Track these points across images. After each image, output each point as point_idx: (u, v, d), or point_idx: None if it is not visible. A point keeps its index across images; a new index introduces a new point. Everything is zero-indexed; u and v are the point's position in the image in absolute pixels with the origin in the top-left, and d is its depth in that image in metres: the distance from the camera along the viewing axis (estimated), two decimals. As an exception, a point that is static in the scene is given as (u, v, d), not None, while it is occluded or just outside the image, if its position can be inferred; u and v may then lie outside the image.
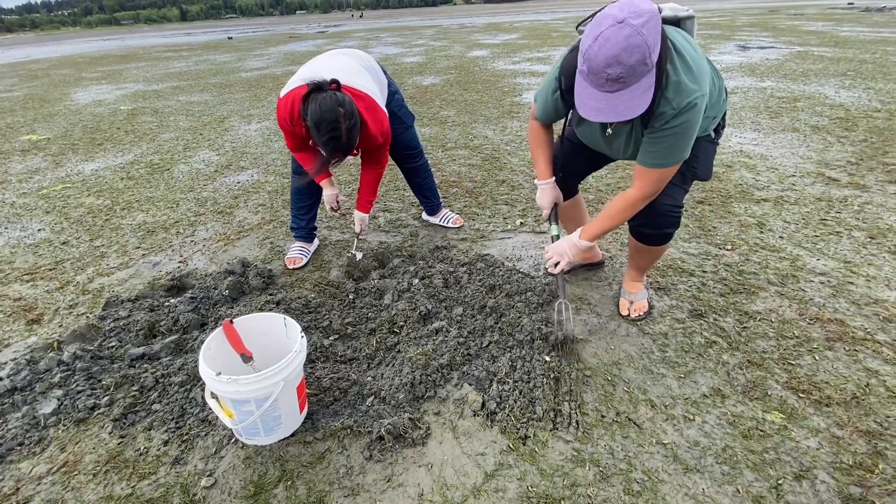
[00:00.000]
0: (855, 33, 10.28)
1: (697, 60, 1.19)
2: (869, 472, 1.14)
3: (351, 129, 1.63)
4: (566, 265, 1.54)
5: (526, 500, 1.12)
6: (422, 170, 2.37)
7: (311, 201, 2.22)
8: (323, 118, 1.57)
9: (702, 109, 1.19)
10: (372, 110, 1.81)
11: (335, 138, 1.61)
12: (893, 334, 1.58)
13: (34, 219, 2.92)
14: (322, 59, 1.95)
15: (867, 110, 4.27)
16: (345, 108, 1.60)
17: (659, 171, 1.30)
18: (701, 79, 1.17)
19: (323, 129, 1.59)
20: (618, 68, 1.02)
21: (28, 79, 10.53)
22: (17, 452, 1.32)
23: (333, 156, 1.71)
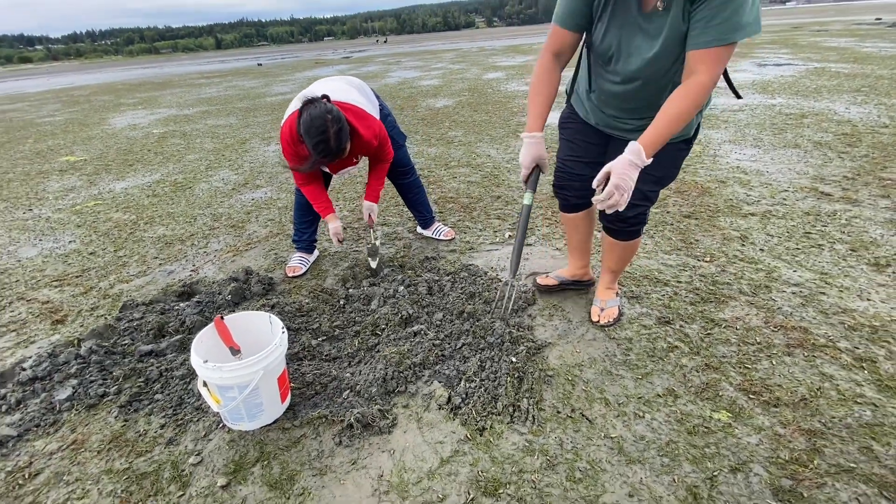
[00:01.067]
0: (877, 49, 10.12)
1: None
2: (803, 466, 1.19)
3: (338, 133, 1.78)
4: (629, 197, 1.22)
5: (475, 484, 1.21)
6: (414, 186, 2.53)
7: (312, 216, 2.40)
8: (312, 123, 1.76)
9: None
10: (361, 118, 1.99)
11: (324, 141, 1.77)
12: (856, 342, 1.62)
13: (66, 232, 3.20)
14: (314, 84, 2.15)
15: (874, 126, 4.24)
16: (332, 115, 1.78)
17: (724, 49, 1.10)
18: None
19: (312, 133, 1.76)
20: None
21: (70, 104, 11.36)
22: (34, 432, 1.49)
23: (324, 161, 1.86)
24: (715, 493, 1.15)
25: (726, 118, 4.97)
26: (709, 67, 1.13)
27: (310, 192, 2.13)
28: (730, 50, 1.11)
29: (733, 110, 5.28)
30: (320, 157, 1.82)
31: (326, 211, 2.15)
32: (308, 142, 1.79)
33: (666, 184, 1.51)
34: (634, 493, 1.16)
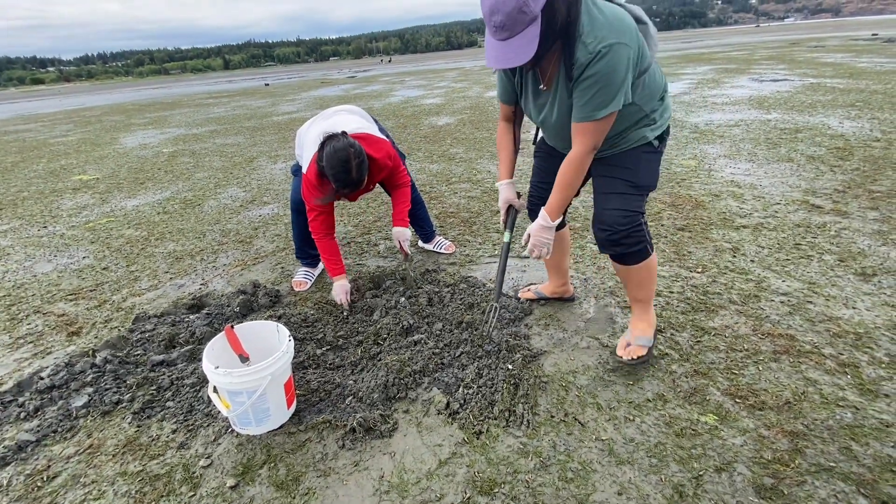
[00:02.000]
0: (873, 64, 10.28)
1: (619, 16, 1.23)
2: (785, 466, 1.24)
3: (360, 166, 1.89)
4: (549, 250, 1.55)
5: (471, 484, 1.27)
6: (415, 202, 2.62)
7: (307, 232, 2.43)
8: (336, 156, 1.85)
9: (624, 58, 1.21)
10: (372, 143, 2.10)
11: (346, 171, 1.86)
12: (840, 348, 1.67)
13: (80, 248, 3.31)
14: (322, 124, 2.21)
15: (867, 140, 4.33)
16: (354, 148, 1.88)
17: (592, 124, 1.30)
18: (621, 29, 1.21)
19: (336, 165, 1.86)
20: (499, 16, 1.14)
21: (82, 124, 11.67)
22: (51, 438, 1.57)
23: (345, 192, 1.95)
24: (700, 492, 1.20)
25: (722, 133, 5.08)
26: (582, 139, 1.35)
27: (324, 247, 2.16)
28: (599, 124, 1.31)
29: (729, 126, 5.39)
30: (343, 188, 1.90)
31: (337, 271, 2.17)
32: (331, 174, 1.86)
33: (644, 190, 1.49)
34: (623, 492, 1.22)
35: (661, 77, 1.44)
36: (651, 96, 1.41)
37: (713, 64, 13.09)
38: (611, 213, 1.47)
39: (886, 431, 1.32)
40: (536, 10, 1.14)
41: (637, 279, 1.59)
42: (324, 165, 1.88)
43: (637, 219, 1.48)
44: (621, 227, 1.46)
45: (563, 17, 1.19)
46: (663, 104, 1.45)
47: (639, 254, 1.52)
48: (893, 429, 1.33)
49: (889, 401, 1.43)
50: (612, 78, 1.22)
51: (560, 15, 1.18)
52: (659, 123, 1.45)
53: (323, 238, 2.15)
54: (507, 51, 1.19)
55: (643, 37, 1.33)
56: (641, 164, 1.46)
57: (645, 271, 1.56)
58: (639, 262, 1.54)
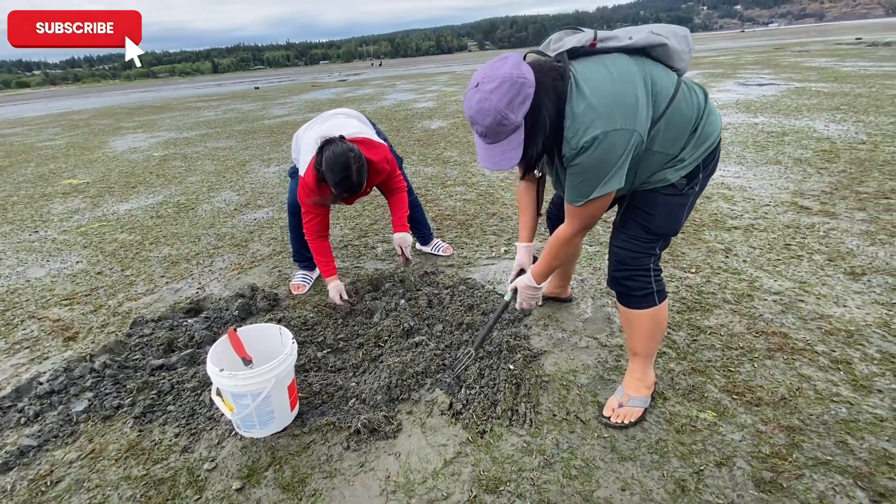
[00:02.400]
0: (857, 68, 10.52)
1: (611, 94, 1.11)
2: (783, 460, 1.28)
3: (360, 170, 1.89)
4: (538, 302, 1.63)
5: (477, 482, 1.29)
6: (412, 205, 2.62)
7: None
8: (336, 161, 1.85)
9: (615, 145, 1.11)
10: (371, 147, 2.11)
11: (347, 177, 1.85)
12: (832, 345, 1.72)
13: (73, 252, 3.28)
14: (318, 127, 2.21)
15: (852, 142, 4.44)
16: (354, 153, 1.88)
17: (579, 207, 1.25)
18: (610, 112, 1.10)
19: (336, 170, 1.85)
20: (479, 126, 1.11)
21: (70, 128, 11.52)
22: (52, 443, 1.55)
23: (345, 197, 1.96)
24: (701, 486, 1.23)
25: (711, 136, 5.16)
26: (569, 220, 1.32)
27: (317, 248, 2.17)
28: (583, 209, 1.25)
29: (718, 129, 5.48)
30: (343, 192, 1.90)
31: (330, 272, 2.18)
32: (331, 179, 1.86)
33: (657, 232, 1.34)
34: (627, 488, 1.24)
35: (690, 105, 1.23)
36: (678, 136, 1.23)
37: (700, 68, 13.30)
38: (616, 250, 1.39)
39: (881, 426, 1.36)
40: (518, 119, 1.09)
41: (639, 327, 1.43)
42: (323, 170, 1.89)
43: (644, 262, 1.36)
44: (624, 265, 1.37)
45: (552, 118, 1.13)
46: (696, 135, 1.25)
47: (642, 299, 1.39)
48: (887, 423, 1.37)
49: (882, 396, 1.47)
50: (599, 168, 1.15)
51: (546, 117, 1.12)
52: (688, 161, 1.25)
53: (316, 239, 2.16)
54: (493, 154, 1.15)
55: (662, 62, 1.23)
56: (658, 209, 1.31)
57: (648, 320, 1.41)
58: (641, 307, 1.39)
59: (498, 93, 1.06)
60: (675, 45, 1.22)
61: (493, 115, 1.07)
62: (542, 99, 1.10)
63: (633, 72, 1.16)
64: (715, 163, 1.32)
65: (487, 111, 1.07)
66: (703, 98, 1.28)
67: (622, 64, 1.17)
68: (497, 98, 1.06)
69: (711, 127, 1.26)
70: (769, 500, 1.18)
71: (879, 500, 1.15)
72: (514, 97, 1.06)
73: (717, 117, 1.29)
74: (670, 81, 1.21)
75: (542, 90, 1.10)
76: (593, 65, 1.17)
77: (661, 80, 1.19)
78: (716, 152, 1.30)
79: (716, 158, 1.31)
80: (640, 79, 1.16)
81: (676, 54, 1.23)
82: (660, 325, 1.43)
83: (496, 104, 1.06)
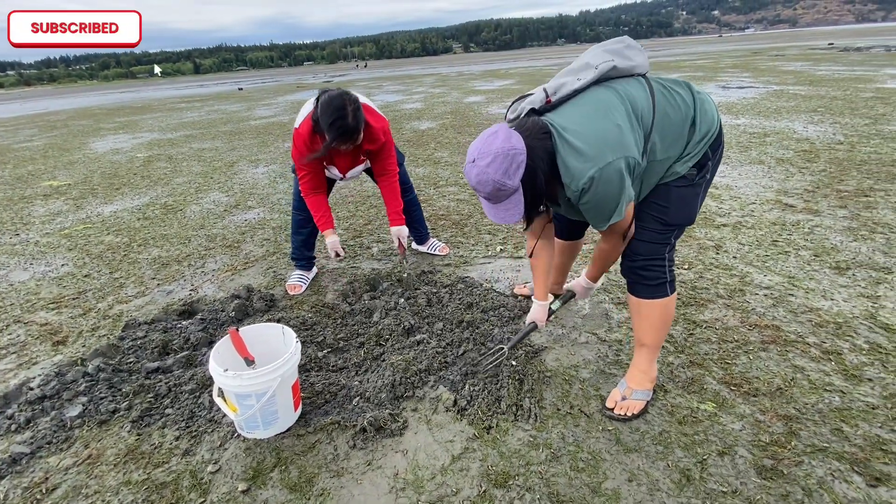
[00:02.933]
0: (831, 72, 10.86)
1: (592, 134, 1.20)
2: (782, 447, 1.31)
3: (356, 112, 1.82)
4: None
5: (486, 477, 1.29)
6: (412, 204, 2.63)
7: (308, 229, 2.45)
8: (331, 103, 1.80)
9: (612, 176, 1.19)
10: (371, 112, 2.07)
11: (342, 117, 1.79)
12: (822, 337, 1.77)
13: (58, 255, 3.19)
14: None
15: (831, 143, 4.58)
16: (349, 95, 1.85)
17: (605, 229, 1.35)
18: (599, 150, 1.19)
19: (330, 112, 1.79)
20: (481, 192, 1.23)
21: (47, 129, 11.21)
22: (46, 449, 1.51)
23: (340, 142, 1.85)
24: (706, 475, 1.26)
25: (696, 137, 5.27)
26: (605, 236, 1.46)
27: (313, 203, 2.17)
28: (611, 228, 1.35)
29: (702, 130, 5.61)
30: (338, 136, 1.82)
31: (326, 225, 2.20)
32: (325, 122, 1.79)
33: (674, 223, 1.37)
34: (633, 479, 1.26)
35: (675, 108, 1.28)
36: (676, 139, 1.29)
37: (682, 72, 13.57)
38: (633, 241, 1.42)
39: (873, 413, 1.41)
40: (515, 183, 1.19)
41: (648, 318, 1.45)
42: (318, 117, 1.83)
43: (660, 251, 1.39)
44: (640, 255, 1.40)
45: (546, 173, 1.23)
46: (696, 129, 1.29)
47: (655, 288, 1.42)
48: (879, 410, 1.42)
49: (873, 384, 1.52)
50: (606, 199, 1.23)
51: (541, 175, 1.22)
52: (694, 153, 1.30)
53: (310, 194, 2.15)
54: (498, 211, 1.26)
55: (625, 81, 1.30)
56: (672, 200, 1.34)
57: (658, 310, 1.43)
58: (652, 297, 1.42)
59: (493, 166, 1.17)
60: (622, 63, 1.31)
61: (491, 185, 1.19)
62: (535, 161, 1.21)
63: (607, 101, 1.25)
64: (721, 148, 1.37)
65: (486, 182, 1.19)
66: (689, 93, 1.33)
67: (595, 99, 1.26)
68: (493, 171, 1.17)
69: (708, 116, 1.31)
70: (771, 486, 1.21)
71: (876, 485, 1.19)
72: (508, 167, 1.17)
73: (710, 105, 1.34)
74: (645, 93, 1.28)
75: (534, 153, 1.20)
76: (569, 110, 1.27)
77: (637, 95, 1.27)
78: (720, 137, 1.34)
79: (721, 143, 1.36)
80: (619, 104, 1.24)
81: (628, 62, 1.32)
82: (669, 317, 1.46)
83: (493, 176, 1.18)
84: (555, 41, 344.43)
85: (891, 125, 5.11)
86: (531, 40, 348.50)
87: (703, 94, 1.35)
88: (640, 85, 1.30)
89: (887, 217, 2.80)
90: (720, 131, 1.34)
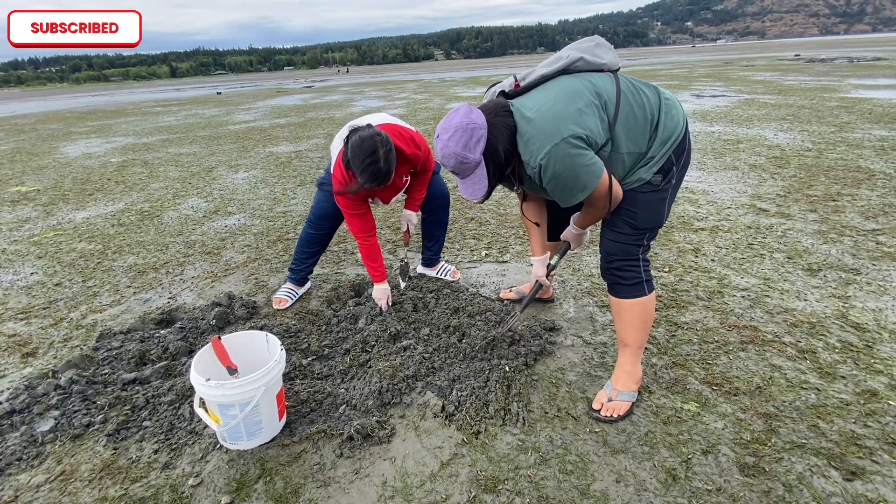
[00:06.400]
0: (798, 82, 11.31)
1: (551, 113, 1.24)
2: (763, 445, 1.35)
3: (388, 154, 1.73)
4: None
5: (476, 482, 1.29)
6: (443, 223, 2.41)
7: (316, 248, 2.33)
8: (362, 146, 1.70)
9: (567, 148, 1.21)
10: (399, 132, 1.95)
11: (374, 162, 1.69)
12: (798, 336, 1.83)
13: (26, 264, 3.07)
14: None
15: (800, 150, 4.76)
16: (381, 137, 1.74)
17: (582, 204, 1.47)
18: (554, 126, 1.22)
19: (363, 156, 1.70)
20: (447, 167, 1.31)
21: (14, 133, 10.81)
22: (16, 466, 1.44)
23: (373, 185, 1.74)
24: (691, 474, 1.28)
25: (673, 144, 5.41)
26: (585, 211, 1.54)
27: (368, 252, 2.07)
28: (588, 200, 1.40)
29: (679, 137, 5.76)
30: (370, 181, 1.73)
31: (381, 277, 2.10)
32: (356, 165, 1.72)
33: (643, 227, 1.40)
34: (621, 480, 1.27)
35: (640, 106, 1.33)
36: (640, 134, 1.32)
37: (657, 80, 13.94)
38: (607, 243, 1.47)
39: (847, 409, 1.46)
40: (476, 157, 1.27)
41: (629, 317, 1.48)
42: (350, 158, 1.74)
43: (633, 251, 1.43)
44: (615, 256, 1.44)
45: (507, 149, 1.30)
46: (659, 131, 1.33)
47: (633, 288, 1.45)
48: (853, 407, 1.47)
49: (846, 382, 1.57)
50: (567, 176, 1.25)
51: (502, 150, 1.29)
52: (657, 157, 1.34)
53: (365, 239, 2.05)
54: (466, 185, 1.33)
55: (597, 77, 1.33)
56: (639, 205, 1.38)
57: (638, 309, 1.46)
58: (632, 296, 1.46)
59: (454, 140, 1.25)
60: (591, 59, 1.36)
61: (454, 158, 1.27)
62: (496, 136, 1.28)
63: (572, 87, 1.30)
64: (687, 155, 1.40)
65: (449, 156, 1.27)
66: (656, 96, 1.37)
67: (560, 85, 1.32)
68: (454, 144, 1.25)
69: (673, 121, 1.35)
70: (753, 483, 1.24)
71: (852, 479, 1.23)
72: (468, 141, 1.25)
73: (677, 111, 1.38)
74: (612, 86, 1.33)
75: (495, 128, 1.28)
76: (534, 94, 1.35)
77: (603, 86, 1.32)
78: (684, 144, 1.38)
79: (687, 150, 1.39)
80: (584, 91, 1.29)
81: (597, 59, 1.37)
82: (649, 316, 1.49)
83: (454, 149, 1.25)
84: (535, 49, 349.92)
85: (855, 133, 5.35)
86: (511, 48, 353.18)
87: (672, 100, 1.39)
88: (608, 78, 1.35)
89: (854, 220, 2.92)
90: (685, 137, 1.38)
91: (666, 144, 1.34)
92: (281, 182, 4.81)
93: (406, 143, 1.95)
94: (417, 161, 2.01)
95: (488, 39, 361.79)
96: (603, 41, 1.42)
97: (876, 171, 3.87)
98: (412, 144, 1.97)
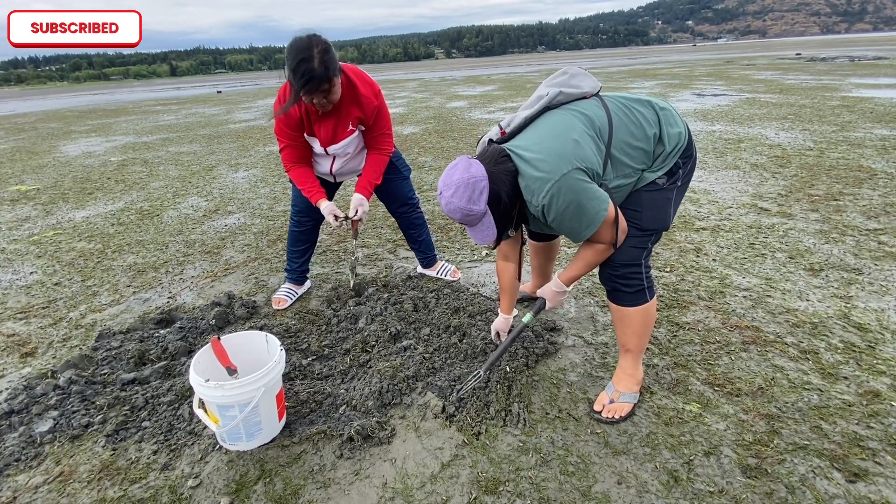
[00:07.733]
0: (799, 81, 11.28)
1: (548, 150, 1.24)
2: (765, 446, 1.34)
3: (323, 55, 1.58)
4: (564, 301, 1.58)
5: (476, 484, 1.28)
6: (419, 222, 2.40)
7: (305, 245, 2.32)
8: (296, 44, 1.57)
9: (571, 183, 1.21)
10: (359, 76, 1.84)
11: (306, 59, 1.55)
12: (800, 337, 1.82)
13: (26, 263, 3.06)
14: None
15: (801, 149, 4.74)
16: (318, 37, 1.58)
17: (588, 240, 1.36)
18: (552, 166, 1.22)
19: (295, 53, 1.56)
20: (455, 218, 1.31)
21: (14, 132, 10.80)
22: (14, 467, 1.43)
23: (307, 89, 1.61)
24: (693, 475, 1.27)
25: (674, 143, 5.40)
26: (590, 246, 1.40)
27: (298, 175, 1.94)
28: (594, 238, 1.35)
29: (680, 136, 5.75)
30: (304, 83, 1.58)
31: (317, 195, 1.97)
32: (288, 67, 1.57)
33: (648, 227, 1.37)
34: (623, 481, 1.27)
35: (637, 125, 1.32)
36: (644, 153, 1.32)
37: (658, 79, 13.91)
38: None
39: (850, 410, 1.45)
40: (481, 208, 1.26)
41: (630, 324, 1.47)
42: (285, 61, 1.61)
43: (637, 257, 1.40)
44: (618, 261, 1.40)
45: (510, 195, 1.29)
46: (664, 143, 1.33)
47: (634, 296, 1.43)
48: (855, 408, 1.46)
49: (848, 383, 1.57)
50: (573, 211, 1.25)
51: (505, 196, 1.29)
52: (663, 165, 1.34)
53: (294, 166, 1.95)
54: (476, 233, 1.34)
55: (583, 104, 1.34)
56: (644, 206, 1.36)
57: (639, 316, 1.45)
58: (634, 304, 1.44)
59: (457, 195, 1.25)
60: (569, 90, 1.36)
61: (459, 212, 1.27)
62: (498, 184, 1.27)
63: (563, 121, 1.30)
64: (693, 158, 1.40)
65: (454, 210, 1.28)
66: (650, 110, 1.36)
67: (550, 120, 1.33)
68: (457, 199, 1.25)
69: (675, 130, 1.35)
70: (756, 485, 1.23)
71: (854, 480, 1.23)
72: (471, 194, 1.25)
73: (676, 119, 1.37)
74: (599, 108, 1.33)
75: (495, 176, 1.27)
76: (526, 133, 1.35)
77: (592, 112, 1.32)
78: (690, 149, 1.37)
79: (692, 154, 1.39)
80: (576, 121, 1.29)
81: (575, 89, 1.36)
82: (650, 321, 1.48)
83: (458, 204, 1.26)
84: (535, 48, 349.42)
85: (856, 132, 5.33)
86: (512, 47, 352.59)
87: (668, 108, 1.39)
88: (594, 103, 1.35)
89: (856, 220, 2.90)
90: (689, 142, 1.37)
91: (672, 153, 1.34)
92: (281, 181, 4.80)
93: (363, 83, 1.83)
94: (370, 107, 1.86)
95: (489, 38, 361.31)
96: (577, 70, 1.42)
97: (877, 171, 3.86)
98: (368, 87, 1.85)
